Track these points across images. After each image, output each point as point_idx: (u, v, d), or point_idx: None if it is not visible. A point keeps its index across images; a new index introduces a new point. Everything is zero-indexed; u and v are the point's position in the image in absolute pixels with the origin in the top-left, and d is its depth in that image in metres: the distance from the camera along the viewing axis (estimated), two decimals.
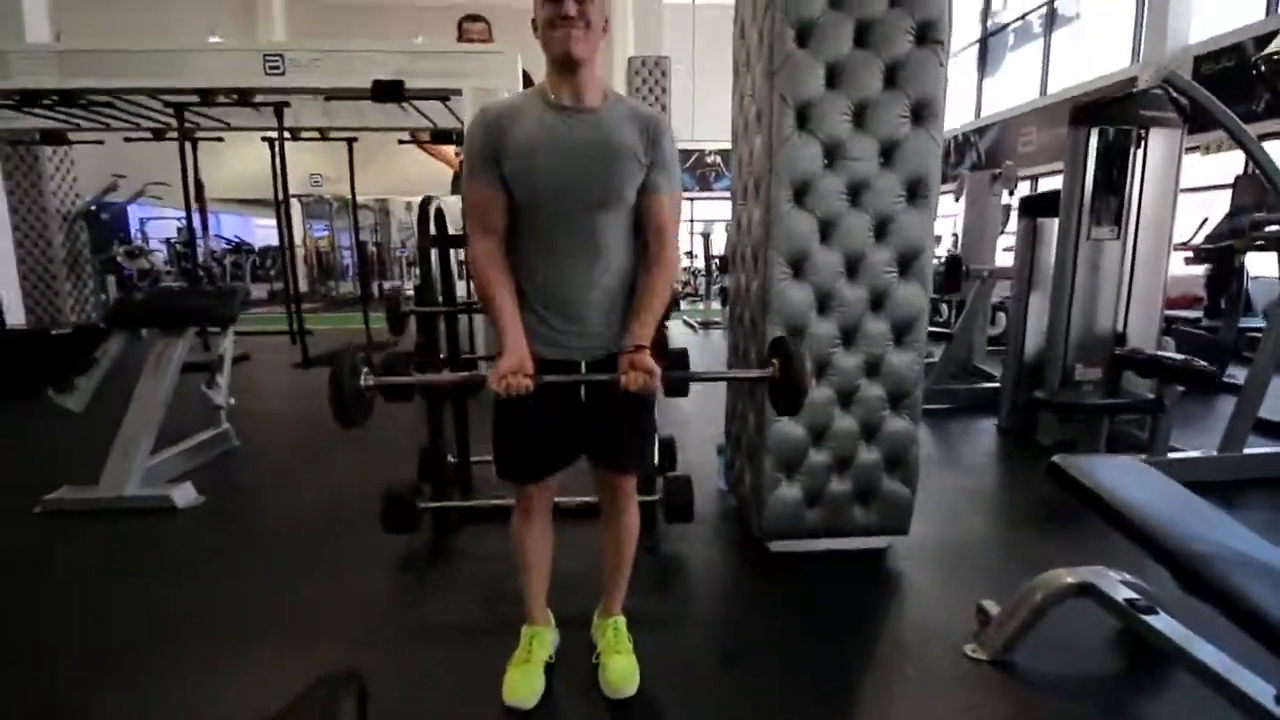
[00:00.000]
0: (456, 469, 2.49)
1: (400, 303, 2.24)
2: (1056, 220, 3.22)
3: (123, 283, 7.68)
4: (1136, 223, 3.03)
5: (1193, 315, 5.81)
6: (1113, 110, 3.01)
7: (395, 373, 1.71)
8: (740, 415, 2.34)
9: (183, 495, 2.54)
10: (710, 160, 15.56)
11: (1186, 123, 3.01)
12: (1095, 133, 2.99)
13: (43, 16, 5.84)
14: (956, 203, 5.57)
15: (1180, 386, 2.82)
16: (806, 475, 2.06)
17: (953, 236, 8.85)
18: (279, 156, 4.83)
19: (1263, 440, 3.13)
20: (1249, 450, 2.81)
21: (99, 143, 5.31)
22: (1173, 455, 2.81)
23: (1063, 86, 9.93)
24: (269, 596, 1.91)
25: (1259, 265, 5.25)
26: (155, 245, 10.04)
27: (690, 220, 14.26)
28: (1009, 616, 1.59)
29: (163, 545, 2.25)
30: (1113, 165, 2.99)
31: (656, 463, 2.31)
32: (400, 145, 5.36)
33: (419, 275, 2.27)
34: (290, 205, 5.23)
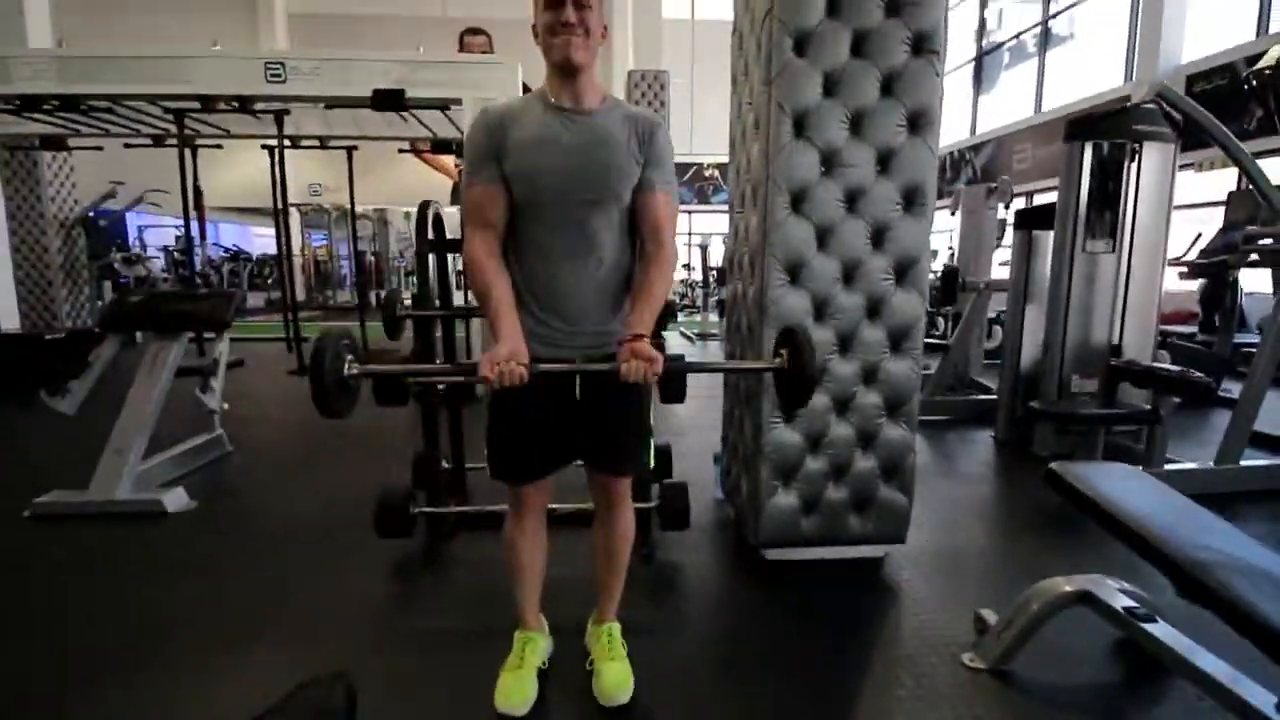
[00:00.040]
0: (451, 475, 2.47)
1: (397, 305, 2.24)
2: (1052, 233, 3.25)
3: (118, 289, 7.66)
4: (1131, 236, 3.06)
5: (1187, 330, 5.84)
6: (1107, 124, 3.04)
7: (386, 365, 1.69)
8: (737, 422, 2.33)
9: (174, 500, 2.52)
10: (708, 173, 15.67)
11: (1180, 137, 3.04)
12: (1090, 147, 3.02)
13: (45, 22, 5.87)
14: (953, 217, 5.62)
15: (1176, 398, 2.83)
16: (803, 483, 2.05)
17: (949, 250, 8.90)
18: (278, 165, 4.84)
19: (1258, 453, 3.14)
20: (1245, 463, 2.81)
21: (98, 149, 5.31)
22: (1169, 467, 2.81)
23: (1057, 104, 10.04)
24: (260, 601, 1.88)
25: (1252, 281, 5.30)
26: (153, 253, 10.07)
27: (688, 233, 14.35)
28: (1007, 625, 1.58)
29: (153, 549, 2.23)
30: (1107, 179, 3.02)
31: (653, 470, 2.30)
32: (399, 155, 5.38)
33: (416, 281, 2.27)
34: (289, 214, 5.23)
